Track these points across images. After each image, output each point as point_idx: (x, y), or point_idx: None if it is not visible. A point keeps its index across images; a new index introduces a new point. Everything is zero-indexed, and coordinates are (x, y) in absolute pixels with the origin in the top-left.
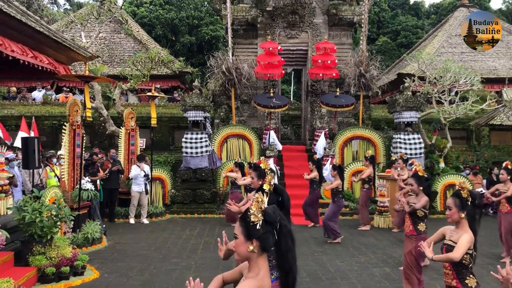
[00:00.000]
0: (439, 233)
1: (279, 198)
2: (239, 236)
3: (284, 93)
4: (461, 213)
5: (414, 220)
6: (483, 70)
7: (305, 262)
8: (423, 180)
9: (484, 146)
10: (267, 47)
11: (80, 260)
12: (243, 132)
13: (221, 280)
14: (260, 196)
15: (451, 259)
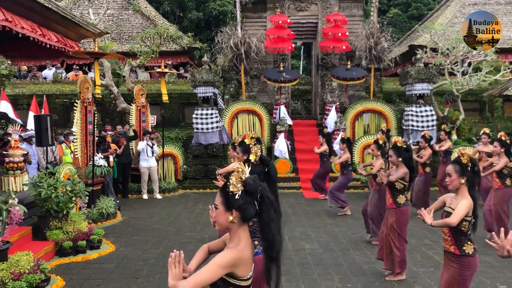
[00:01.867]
0: (440, 201)
1: (266, 169)
2: (219, 206)
3: (294, 67)
4: (461, 178)
5: (393, 192)
6: None
7: (317, 234)
8: (403, 151)
9: (497, 117)
10: (277, 20)
11: (96, 234)
12: (253, 107)
13: (206, 250)
14: (241, 166)
15: (448, 224)
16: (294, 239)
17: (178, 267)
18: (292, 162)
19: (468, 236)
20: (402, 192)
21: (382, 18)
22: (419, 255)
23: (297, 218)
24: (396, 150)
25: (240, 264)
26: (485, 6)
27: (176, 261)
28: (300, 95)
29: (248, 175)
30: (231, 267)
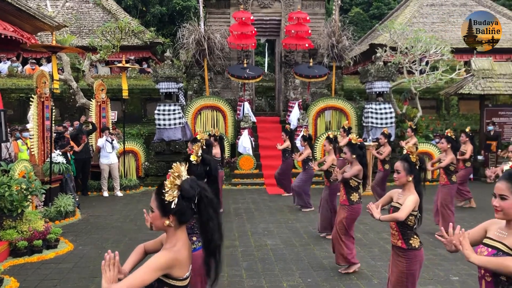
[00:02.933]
0: (388, 196)
1: (207, 168)
2: (155, 210)
3: (258, 64)
4: (409, 176)
5: (347, 189)
6: (453, 40)
7: (280, 230)
8: (357, 149)
9: (453, 115)
10: (240, 17)
11: (53, 233)
12: (217, 103)
13: (142, 250)
14: (177, 169)
15: (396, 218)
16: (257, 235)
17: (112, 269)
18: (256, 158)
19: (414, 230)
20: (356, 189)
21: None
22: (377, 249)
23: (260, 214)
24: (351, 148)
25: (176, 265)
26: (442, 7)
27: (110, 263)
28: (264, 91)
29: (185, 177)
30: (166, 268)
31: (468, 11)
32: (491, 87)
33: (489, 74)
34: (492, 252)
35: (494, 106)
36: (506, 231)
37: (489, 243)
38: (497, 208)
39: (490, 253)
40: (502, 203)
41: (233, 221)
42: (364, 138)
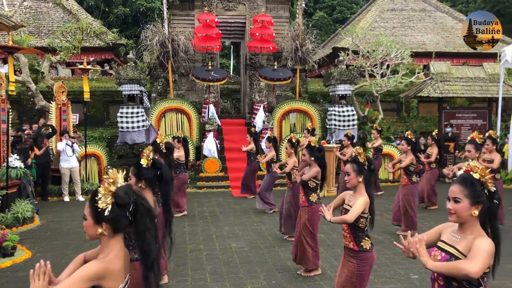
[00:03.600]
0: (340, 198)
1: (158, 172)
2: (88, 217)
3: (223, 66)
4: (359, 177)
5: (306, 191)
6: (413, 45)
7: (245, 232)
8: (315, 151)
9: (413, 117)
10: (204, 19)
11: (10, 240)
12: (181, 106)
13: (82, 260)
14: (113, 175)
15: (345, 220)
16: (222, 238)
17: (42, 278)
18: (221, 161)
19: (365, 232)
20: (314, 190)
21: (307, 21)
22: (340, 250)
23: (225, 217)
24: (309, 150)
25: (107, 276)
26: (402, 12)
27: (40, 272)
28: (230, 94)
29: (121, 184)
30: (96, 279)
31: (427, 16)
32: (449, 90)
33: (446, 78)
34: (445, 257)
35: (452, 109)
36: (459, 234)
37: (443, 247)
38: (450, 211)
39: (443, 258)
40: (456, 206)
41: (197, 224)
42: (328, 140)
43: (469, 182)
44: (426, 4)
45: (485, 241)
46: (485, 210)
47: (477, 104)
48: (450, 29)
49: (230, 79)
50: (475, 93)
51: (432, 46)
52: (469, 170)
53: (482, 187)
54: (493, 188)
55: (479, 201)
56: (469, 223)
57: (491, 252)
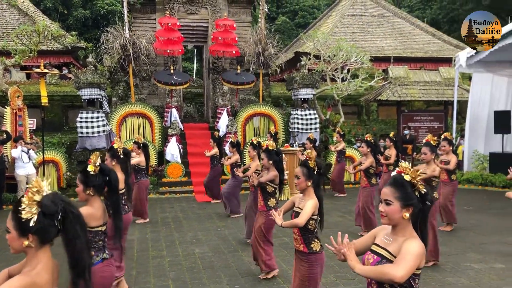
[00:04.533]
0: (290, 201)
1: (106, 178)
2: (11, 230)
3: (186, 70)
4: (308, 181)
5: (265, 195)
6: (372, 49)
7: (208, 237)
8: (273, 154)
9: (373, 120)
10: (166, 22)
11: None
12: (143, 110)
13: (6, 275)
14: (37, 183)
15: (296, 224)
16: (185, 243)
17: None
18: (185, 166)
19: (315, 234)
20: (273, 195)
21: (270, 25)
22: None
23: (188, 223)
24: (267, 153)
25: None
26: (362, 18)
27: None
28: (193, 98)
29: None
30: None
31: (386, 21)
32: (407, 93)
33: (404, 82)
34: (377, 259)
35: (410, 112)
36: (391, 236)
37: (375, 250)
38: (382, 213)
39: (375, 260)
40: (387, 209)
41: (160, 230)
42: (291, 143)
43: (400, 184)
44: (384, 10)
45: (414, 243)
46: (416, 212)
47: (434, 107)
48: (407, 35)
49: (193, 83)
50: (432, 96)
51: (390, 51)
52: (400, 171)
53: (413, 189)
54: (424, 190)
55: (410, 203)
56: (401, 225)
57: (420, 254)
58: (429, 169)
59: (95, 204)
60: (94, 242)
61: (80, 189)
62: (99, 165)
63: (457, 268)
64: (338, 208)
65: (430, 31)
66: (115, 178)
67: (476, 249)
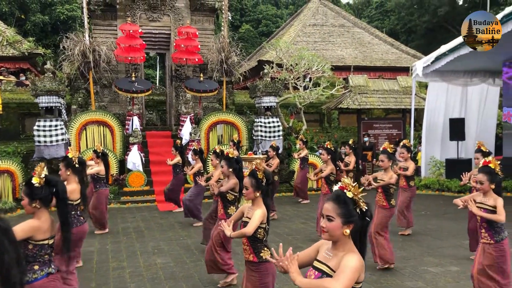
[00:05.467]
0: (239, 211)
1: (54, 190)
2: None
3: (149, 77)
4: (257, 192)
5: (225, 204)
6: (333, 58)
7: (170, 247)
8: (233, 162)
9: (334, 127)
10: (127, 29)
11: None
12: (103, 118)
13: None
14: None
15: (244, 234)
16: (146, 254)
17: None
18: (147, 174)
19: (264, 243)
20: (233, 203)
21: (234, 33)
22: None
23: (150, 233)
24: (227, 161)
25: None
26: (323, 28)
27: None
28: (155, 105)
29: None
30: None
31: (346, 31)
32: (366, 102)
33: (364, 90)
34: (318, 275)
35: (370, 119)
36: (332, 252)
37: (317, 266)
38: (323, 229)
39: (316, 276)
40: (328, 225)
41: (121, 241)
42: (254, 151)
43: (342, 200)
44: (345, 20)
45: (353, 258)
46: (357, 228)
47: (393, 115)
48: (367, 44)
49: (156, 90)
50: (390, 104)
51: (350, 60)
52: (343, 187)
53: (355, 205)
54: (365, 207)
55: (351, 220)
56: (341, 241)
57: (358, 268)
58: (386, 176)
59: (42, 217)
60: (39, 256)
61: (26, 202)
62: (45, 176)
63: (415, 272)
64: (300, 214)
65: (388, 41)
66: (62, 189)
67: (433, 253)
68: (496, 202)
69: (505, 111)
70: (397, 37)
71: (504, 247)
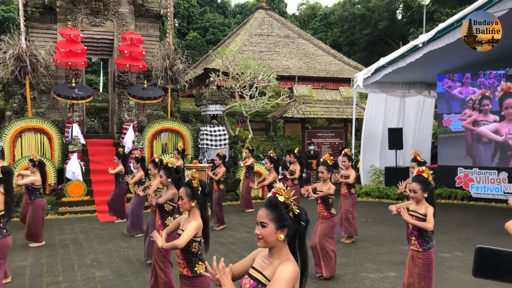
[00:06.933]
0: (175, 222)
1: None
2: None
3: (92, 83)
4: (192, 202)
5: (162, 214)
6: (278, 68)
7: (110, 259)
8: (173, 172)
9: (279, 136)
10: (68, 33)
11: None
12: (41, 125)
13: None
14: None
15: (175, 246)
16: (84, 267)
17: None
18: (87, 184)
19: (199, 256)
20: (171, 214)
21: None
22: None
23: (89, 244)
24: (166, 171)
25: None
26: (268, 38)
27: None
28: (97, 112)
29: None
30: None
31: (291, 42)
32: (310, 111)
33: (308, 100)
34: (253, 284)
35: (313, 128)
36: (268, 259)
37: (252, 274)
38: (258, 236)
39: (251, 285)
40: (262, 231)
41: (57, 254)
42: (200, 159)
43: (275, 205)
44: (290, 31)
45: (287, 267)
46: (292, 233)
47: (335, 124)
48: (311, 55)
49: (98, 96)
50: (333, 114)
51: (295, 70)
52: (275, 192)
53: (287, 209)
54: (297, 210)
55: (284, 224)
56: (276, 247)
57: (293, 278)
58: (325, 187)
59: None
60: None
61: None
62: None
63: (355, 278)
64: (245, 223)
65: (331, 53)
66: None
67: (372, 259)
68: (427, 210)
69: (445, 117)
70: (340, 49)
71: (431, 255)
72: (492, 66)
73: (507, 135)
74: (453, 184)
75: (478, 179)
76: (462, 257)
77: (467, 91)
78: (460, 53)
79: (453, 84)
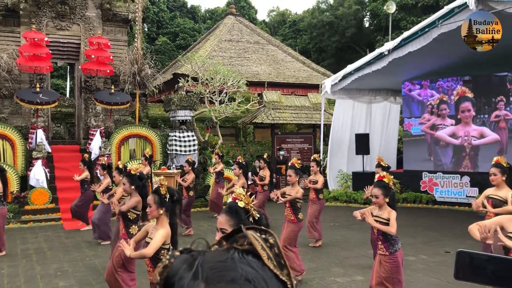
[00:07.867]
0: (143, 230)
1: None
2: None
3: (59, 88)
4: (160, 209)
5: (126, 223)
6: (248, 74)
7: (75, 269)
8: (136, 179)
9: (249, 142)
10: (32, 37)
11: None
12: (3, 131)
13: None
14: None
15: (144, 255)
16: (47, 277)
17: None
18: (52, 191)
19: None
20: (135, 222)
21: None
22: None
23: (54, 253)
24: (130, 178)
25: None
26: (238, 44)
27: None
28: (63, 118)
29: None
30: None
31: (261, 48)
32: (280, 117)
33: (277, 106)
34: None
35: (283, 134)
36: None
37: None
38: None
39: None
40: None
41: (19, 264)
42: (169, 165)
43: (234, 211)
44: (259, 37)
45: None
46: None
47: (304, 130)
48: (280, 61)
49: (64, 102)
50: (302, 120)
51: (265, 76)
52: (235, 198)
53: (247, 215)
54: (257, 215)
55: None
56: None
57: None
58: (293, 190)
59: None
60: None
61: None
62: None
63: (323, 283)
64: (214, 230)
65: (300, 59)
66: None
67: (340, 264)
68: (389, 215)
69: (406, 121)
70: (309, 56)
71: (397, 258)
72: (454, 74)
73: (463, 138)
74: (418, 188)
75: (442, 183)
76: (426, 260)
77: (425, 93)
78: (424, 61)
79: (412, 87)
